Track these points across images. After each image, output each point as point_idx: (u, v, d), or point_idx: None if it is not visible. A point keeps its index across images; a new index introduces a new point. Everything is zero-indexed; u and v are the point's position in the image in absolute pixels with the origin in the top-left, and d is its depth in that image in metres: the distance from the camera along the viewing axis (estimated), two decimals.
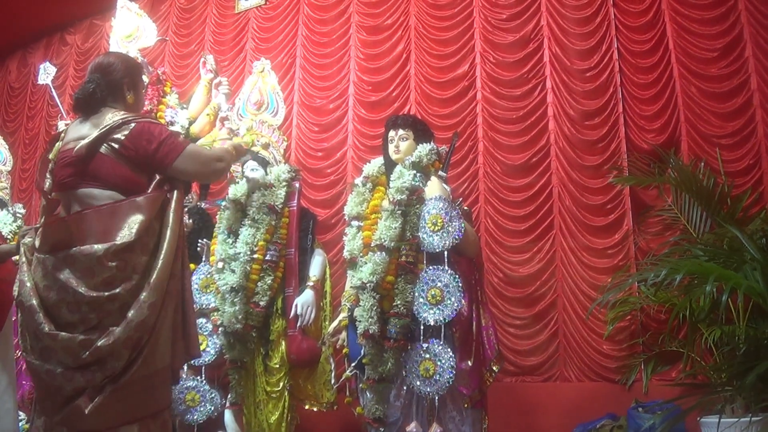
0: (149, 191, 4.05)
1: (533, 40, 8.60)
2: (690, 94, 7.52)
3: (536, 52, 8.56)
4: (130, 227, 3.82)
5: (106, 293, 3.66)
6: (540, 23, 8.58)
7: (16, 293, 3.88)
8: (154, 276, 3.80)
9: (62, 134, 4.32)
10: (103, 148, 4.01)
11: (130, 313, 3.67)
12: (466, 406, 4.99)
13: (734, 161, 7.18)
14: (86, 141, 4.09)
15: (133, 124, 4.06)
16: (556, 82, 8.31)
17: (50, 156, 4.30)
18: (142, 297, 3.74)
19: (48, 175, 4.25)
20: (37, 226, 4.16)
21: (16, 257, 4.63)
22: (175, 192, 4.12)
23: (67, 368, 3.64)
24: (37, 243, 4.00)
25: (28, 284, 3.82)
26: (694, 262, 5.10)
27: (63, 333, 3.62)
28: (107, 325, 3.66)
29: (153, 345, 3.77)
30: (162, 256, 3.87)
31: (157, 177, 4.17)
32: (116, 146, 3.98)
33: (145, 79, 6.65)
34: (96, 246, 3.73)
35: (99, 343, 3.57)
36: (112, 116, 4.10)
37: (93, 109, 4.20)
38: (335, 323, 5.79)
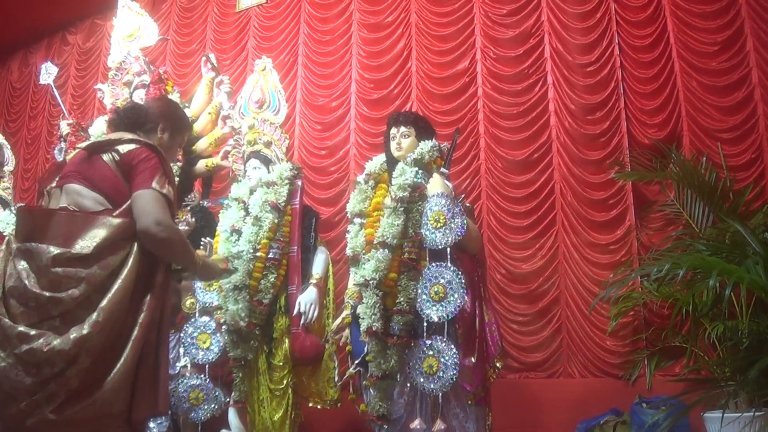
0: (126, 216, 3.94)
1: (534, 36, 8.61)
2: (691, 88, 7.52)
3: (537, 47, 8.56)
4: (92, 239, 3.73)
5: (48, 294, 3.57)
6: (540, 18, 8.58)
7: None
8: (108, 296, 3.67)
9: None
10: (105, 156, 4.00)
11: (73, 328, 3.55)
12: (469, 402, 4.98)
13: (736, 155, 7.17)
14: (92, 141, 4.13)
15: (138, 146, 4.05)
16: (557, 77, 8.31)
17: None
18: (89, 314, 3.61)
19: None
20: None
21: None
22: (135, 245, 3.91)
23: (6, 361, 3.54)
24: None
25: None
26: (696, 256, 5.09)
27: (6, 320, 3.54)
28: (46, 328, 3.56)
29: (98, 378, 3.62)
30: (122, 278, 3.74)
31: None
32: (116, 156, 3.98)
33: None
34: (51, 248, 3.66)
35: (35, 345, 3.48)
36: (128, 135, 4.11)
37: (122, 127, 4.23)
38: (338, 321, 5.79)
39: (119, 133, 4.18)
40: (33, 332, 3.50)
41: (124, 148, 4.02)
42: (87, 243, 3.72)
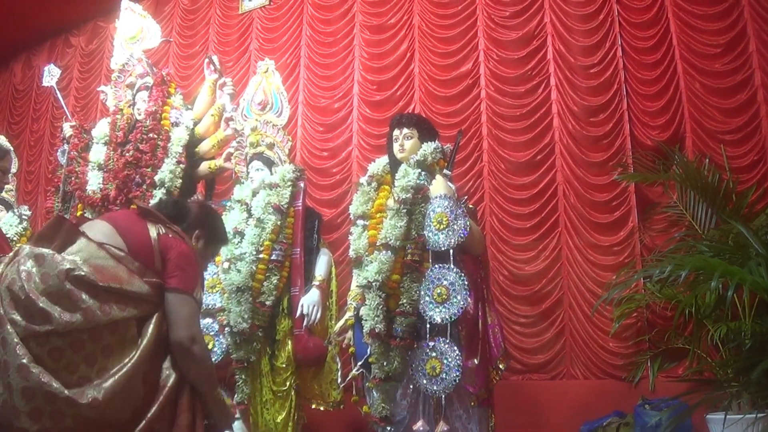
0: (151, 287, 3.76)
1: (536, 37, 8.62)
2: (694, 90, 7.52)
3: (540, 49, 8.58)
4: (116, 281, 3.56)
5: (41, 303, 3.36)
6: (543, 20, 8.60)
7: None
8: (115, 378, 3.42)
9: None
10: (150, 225, 3.92)
11: (54, 383, 3.28)
12: (472, 404, 4.99)
13: (739, 157, 7.18)
14: (146, 207, 4.12)
15: (182, 239, 4.00)
16: (559, 78, 8.33)
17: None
18: (81, 367, 3.40)
19: None
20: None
21: None
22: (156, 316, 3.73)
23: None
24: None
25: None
26: (698, 258, 5.10)
27: (8, 326, 3.31)
28: (33, 353, 3.32)
29: None
30: (131, 362, 3.50)
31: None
32: (161, 231, 3.90)
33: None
34: (68, 258, 3.51)
35: (32, 384, 3.25)
36: (177, 227, 4.07)
37: (165, 213, 4.16)
38: (341, 322, 5.79)
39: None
40: (34, 369, 3.28)
41: (174, 234, 3.98)
42: (107, 275, 3.57)
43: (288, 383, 6.09)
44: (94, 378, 3.40)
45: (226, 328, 6.05)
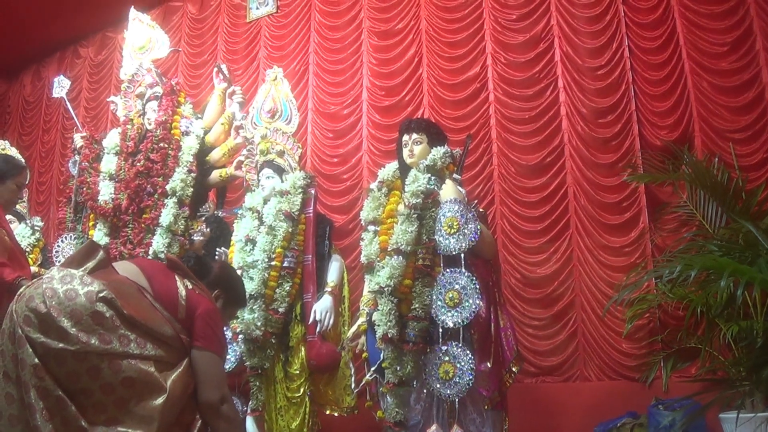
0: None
1: (544, 40, 8.61)
2: (702, 89, 7.52)
3: (547, 51, 8.57)
4: (142, 308, 3.60)
5: (58, 322, 3.34)
6: (550, 23, 8.59)
7: None
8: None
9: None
10: (179, 279, 3.93)
11: (72, 408, 3.30)
12: (486, 407, 5.00)
13: (748, 155, 7.16)
14: (176, 260, 4.16)
15: (209, 297, 4.03)
16: (567, 80, 8.32)
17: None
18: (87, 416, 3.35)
19: None
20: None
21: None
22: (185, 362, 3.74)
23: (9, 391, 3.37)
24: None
25: (21, 291, 3.55)
26: (708, 257, 5.10)
27: (28, 347, 3.31)
28: (53, 374, 3.32)
29: None
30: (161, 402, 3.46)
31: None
32: (189, 286, 3.89)
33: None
34: (98, 283, 3.50)
35: (51, 389, 3.27)
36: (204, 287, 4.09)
37: (191, 268, 4.15)
38: (354, 328, 5.82)
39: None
40: (54, 392, 3.27)
41: (201, 291, 3.99)
42: (134, 313, 3.54)
43: (302, 389, 6.11)
44: (112, 410, 3.39)
45: (240, 336, 6.07)
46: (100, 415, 3.35)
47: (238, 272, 6.11)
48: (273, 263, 6.10)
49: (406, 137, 5.64)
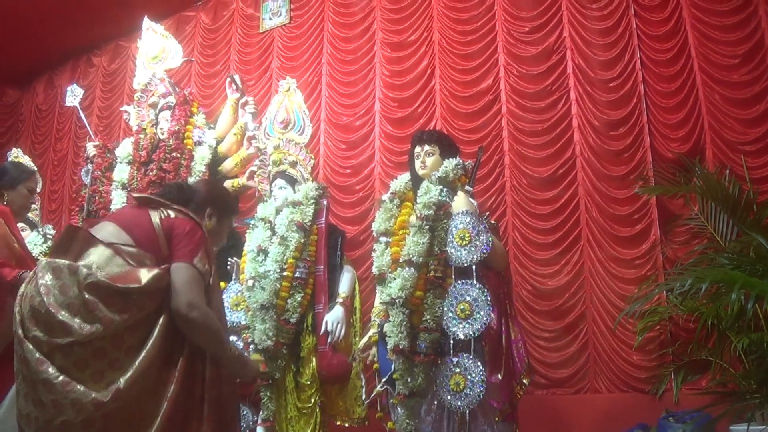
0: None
1: (556, 52, 8.62)
2: (713, 101, 7.51)
3: (559, 63, 8.58)
4: (123, 278, 3.65)
5: (59, 316, 3.46)
6: (562, 35, 8.61)
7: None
8: (133, 367, 3.53)
9: None
10: (152, 212, 4.01)
11: (91, 387, 3.41)
12: (496, 419, 4.98)
13: (759, 168, 7.16)
14: (146, 195, 4.23)
15: (187, 218, 4.06)
16: (579, 93, 8.33)
17: None
18: (106, 371, 3.49)
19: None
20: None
21: None
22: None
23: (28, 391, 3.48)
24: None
25: (20, 291, 3.67)
26: (719, 270, 5.10)
27: (28, 344, 3.45)
28: (57, 363, 3.42)
29: None
30: (146, 348, 3.61)
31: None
32: (162, 216, 3.98)
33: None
34: (83, 268, 3.58)
35: (51, 375, 3.38)
36: (180, 207, 4.13)
37: (171, 199, 4.21)
38: (365, 339, 5.81)
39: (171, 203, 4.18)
40: (56, 380, 3.38)
41: (174, 214, 4.05)
42: (120, 272, 3.67)
43: (313, 400, 6.12)
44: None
45: (251, 346, 6.07)
46: (100, 383, 3.48)
47: (250, 283, 6.15)
48: (285, 273, 6.11)
49: (418, 149, 5.64)
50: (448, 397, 4.89)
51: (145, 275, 3.71)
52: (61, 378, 3.37)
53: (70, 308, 3.49)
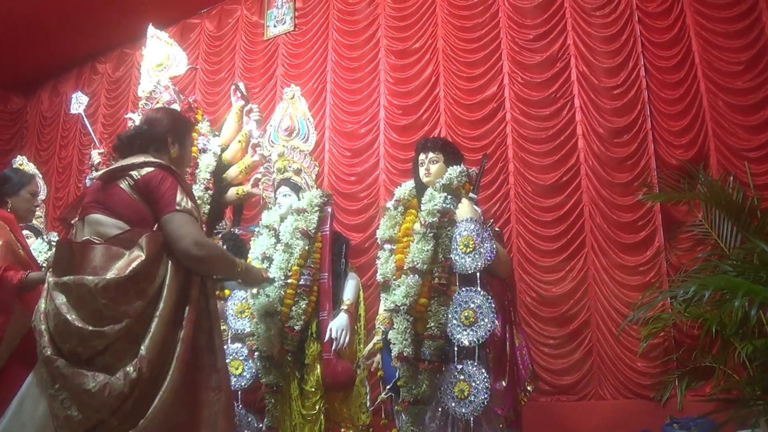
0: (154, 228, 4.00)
1: (560, 60, 8.63)
2: (717, 108, 7.51)
3: (563, 71, 8.58)
4: (127, 263, 3.76)
5: (91, 328, 3.60)
6: (566, 42, 8.61)
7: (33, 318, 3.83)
8: (151, 330, 3.72)
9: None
10: (121, 182, 4.06)
11: (123, 369, 3.60)
12: (501, 426, 4.99)
13: (763, 174, 7.15)
14: (105, 170, 4.23)
15: (151, 168, 4.10)
16: (584, 100, 8.33)
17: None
18: (135, 347, 3.66)
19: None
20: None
21: None
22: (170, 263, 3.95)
23: (66, 397, 3.57)
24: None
25: (41, 308, 3.76)
26: (722, 278, 5.11)
27: (61, 360, 3.55)
28: (99, 365, 3.58)
29: (149, 399, 3.63)
30: (160, 309, 3.78)
31: None
32: (131, 181, 4.02)
33: (199, 126, 6.78)
34: (88, 278, 3.69)
35: (90, 386, 3.49)
36: (140, 159, 4.16)
37: (130, 152, 4.25)
38: (370, 346, 5.84)
39: (130, 158, 4.21)
40: (85, 370, 3.53)
41: (138, 173, 4.08)
42: (122, 264, 3.76)
43: (317, 407, 6.10)
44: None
45: (256, 353, 6.07)
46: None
47: (255, 290, 6.15)
48: (289, 281, 6.09)
49: (422, 156, 5.66)
50: (453, 404, 4.90)
51: (142, 246, 3.82)
52: (100, 384, 3.52)
53: (95, 317, 3.61)
